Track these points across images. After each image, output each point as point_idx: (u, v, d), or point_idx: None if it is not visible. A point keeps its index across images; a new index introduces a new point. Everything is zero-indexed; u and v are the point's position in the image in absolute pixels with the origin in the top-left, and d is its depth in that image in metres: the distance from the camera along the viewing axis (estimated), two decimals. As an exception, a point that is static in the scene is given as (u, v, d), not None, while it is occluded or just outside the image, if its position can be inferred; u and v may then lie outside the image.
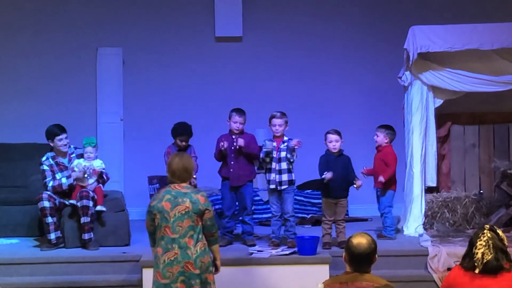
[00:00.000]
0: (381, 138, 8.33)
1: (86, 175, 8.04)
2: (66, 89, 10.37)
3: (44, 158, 8.18)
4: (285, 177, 7.87)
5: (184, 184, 5.86)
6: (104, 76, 10.42)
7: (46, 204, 7.91)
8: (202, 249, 5.77)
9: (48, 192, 7.99)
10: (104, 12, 10.46)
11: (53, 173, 8.13)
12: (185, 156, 6.08)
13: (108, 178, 8.30)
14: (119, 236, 8.13)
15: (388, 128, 8.36)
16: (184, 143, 8.38)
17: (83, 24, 10.39)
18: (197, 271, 5.72)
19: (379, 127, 8.41)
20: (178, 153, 6.64)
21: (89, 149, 8.11)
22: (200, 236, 5.79)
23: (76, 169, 8.05)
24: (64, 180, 8.08)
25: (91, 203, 7.94)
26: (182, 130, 8.42)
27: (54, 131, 8.15)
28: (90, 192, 8.01)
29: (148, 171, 9.86)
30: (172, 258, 5.71)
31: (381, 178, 8.17)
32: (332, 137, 7.95)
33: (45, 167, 8.13)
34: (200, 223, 5.79)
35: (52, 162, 8.16)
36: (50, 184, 8.06)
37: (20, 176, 9.18)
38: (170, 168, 5.89)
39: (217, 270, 6.05)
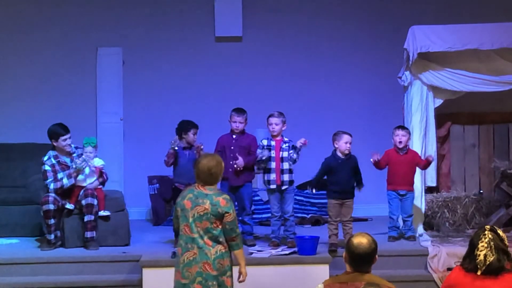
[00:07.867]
0: (407, 138, 8.17)
1: (84, 165, 7.98)
2: (66, 89, 10.36)
3: (46, 158, 8.07)
4: (286, 177, 7.87)
5: (208, 186, 5.71)
6: (104, 76, 10.41)
7: (52, 207, 7.87)
8: (221, 251, 5.65)
9: (53, 195, 7.92)
10: (104, 12, 10.44)
11: (55, 173, 8.05)
12: (216, 158, 5.82)
13: (107, 178, 8.28)
14: (119, 236, 8.13)
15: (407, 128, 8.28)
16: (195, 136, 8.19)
17: (83, 24, 10.38)
18: (215, 273, 5.61)
19: (402, 127, 8.22)
20: (208, 154, 6.16)
21: (89, 148, 8.07)
22: (220, 239, 5.66)
23: (76, 163, 7.99)
24: (65, 180, 8.03)
25: (95, 201, 7.95)
26: (191, 123, 8.25)
27: (59, 131, 8.05)
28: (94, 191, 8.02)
29: (148, 171, 9.87)
30: (191, 258, 5.62)
31: (430, 157, 8.10)
32: (348, 137, 7.76)
33: (47, 167, 8.03)
34: (219, 226, 5.65)
35: (54, 161, 8.08)
36: (52, 186, 8.00)
37: (20, 176, 9.17)
38: (196, 170, 5.72)
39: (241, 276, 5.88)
